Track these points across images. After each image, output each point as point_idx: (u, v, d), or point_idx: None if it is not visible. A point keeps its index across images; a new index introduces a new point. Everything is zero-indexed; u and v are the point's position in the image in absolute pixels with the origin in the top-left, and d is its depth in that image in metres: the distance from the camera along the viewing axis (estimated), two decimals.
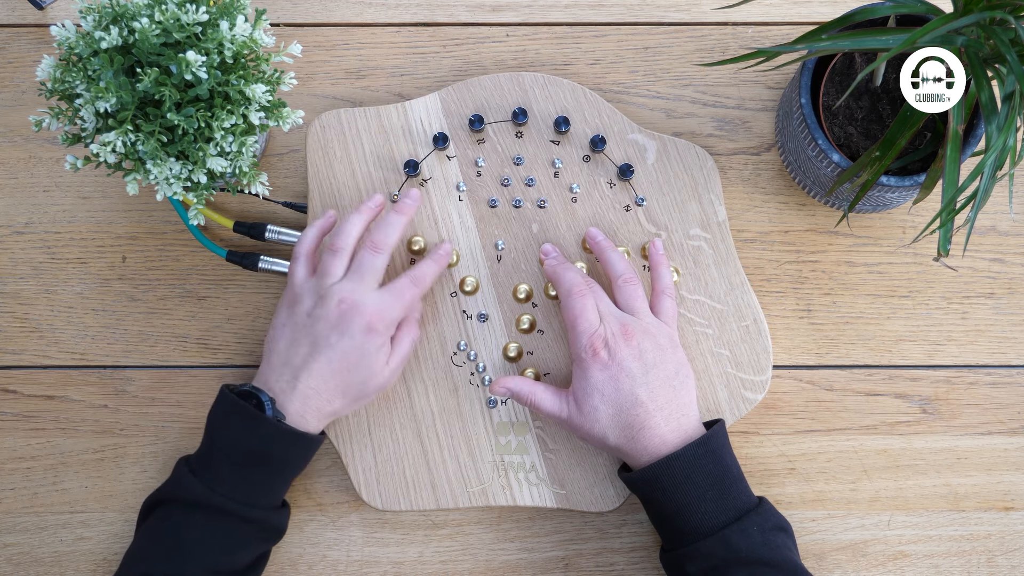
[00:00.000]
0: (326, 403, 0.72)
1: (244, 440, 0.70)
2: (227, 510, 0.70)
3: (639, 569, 0.80)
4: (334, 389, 0.72)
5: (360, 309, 0.72)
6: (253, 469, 0.71)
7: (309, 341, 0.72)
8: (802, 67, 0.73)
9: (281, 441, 0.70)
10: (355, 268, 0.73)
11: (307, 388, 0.71)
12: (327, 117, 0.82)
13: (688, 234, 0.80)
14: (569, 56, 0.84)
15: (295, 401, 0.71)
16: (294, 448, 0.71)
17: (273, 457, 0.71)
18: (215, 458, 0.71)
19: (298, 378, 0.71)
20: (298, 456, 0.72)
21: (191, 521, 0.70)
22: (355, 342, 0.71)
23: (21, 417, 0.82)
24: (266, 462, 0.71)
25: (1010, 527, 0.81)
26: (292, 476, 0.74)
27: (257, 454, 0.70)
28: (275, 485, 0.73)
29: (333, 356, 0.71)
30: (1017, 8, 0.58)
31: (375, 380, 0.73)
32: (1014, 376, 0.82)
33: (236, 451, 0.71)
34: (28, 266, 0.83)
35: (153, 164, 0.67)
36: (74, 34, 0.66)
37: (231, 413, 0.71)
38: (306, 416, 0.72)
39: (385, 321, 0.72)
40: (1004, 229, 0.83)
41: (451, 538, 0.80)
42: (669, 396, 0.72)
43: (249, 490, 0.71)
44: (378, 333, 0.72)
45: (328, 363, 0.71)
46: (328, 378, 0.72)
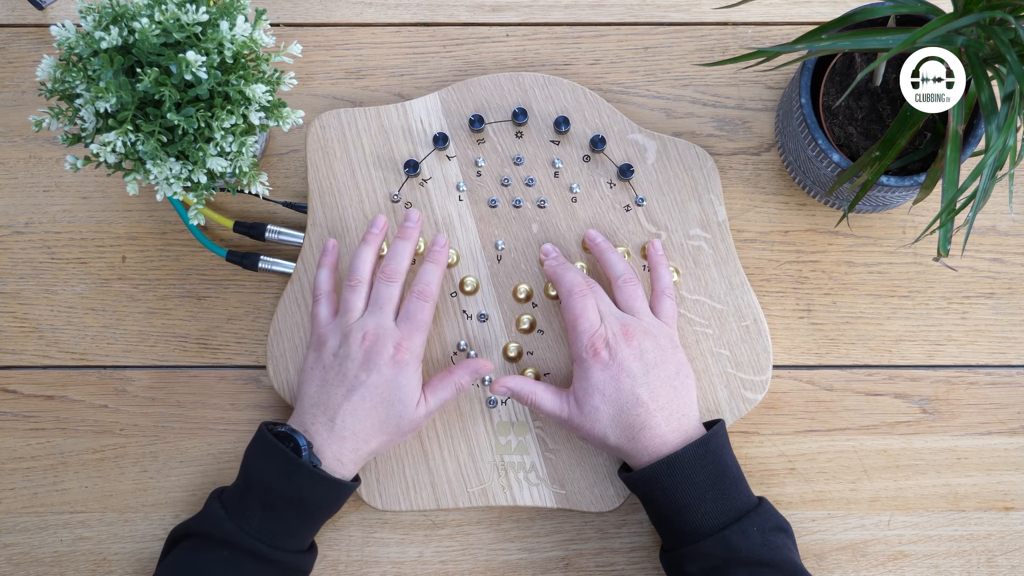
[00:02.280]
0: (363, 443, 0.72)
1: (279, 483, 0.70)
2: (255, 551, 0.69)
3: (639, 569, 0.80)
4: (370, 428, 0.72)
5: (383, 341, 0.72)
6: (285, 512, 0.70)
7: (340, 381, 0.72)
8: (802, 67, 0.73)
9: (315, 487, 0.70)
10: (373, 301, 0.74)
11: (343, 430, 0.71)
12: (327, 117, 0.82)
13: (688, 234, 0.80)
14: (569, 56, 0.84)
15: (331, 445, 0.71)
16: (328, 494, 0.71)
17: (306, 503, 0.70)
18: (248, 498, 0.71)
19: (333, 421, 0.71)
20: (332, 501, 0.72)
21: (217, 558, 0.69)
22: (384, 376, 0.71)
23: (21, 417, 0.82)
24: (299, 507, 0.70)
25: (1010, 527, 0.81)
26: (323, 520, 0.73)
27: (291, 499, 0.70)
28: (305, 529, 0.72)
29: (366, 393, 0.71)
30: (1017, 8, 0.58)
31: (410, 415, 0.73)
32: (1014, 376, 0.82)
33: (270, 493, 0.70)
34: (28, 266, 0.83)
35: (153, 164, 0.67)
36: (74, 34, 0.66)
37: (268, 455, 0.71)
38: (342, 459, 0.71)
39: (410, 350, 0.72)
40: (1004, 229, 0.83)
41: (451, 538, 0.80)
42: (670, 396, 0.72)
43: (279, 533, 0.70)
44: (406, 364, 0.72)
45: (362, 400, 0.71)
46: (363, 417, 0.71)
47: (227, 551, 0.69)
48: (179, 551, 0.71)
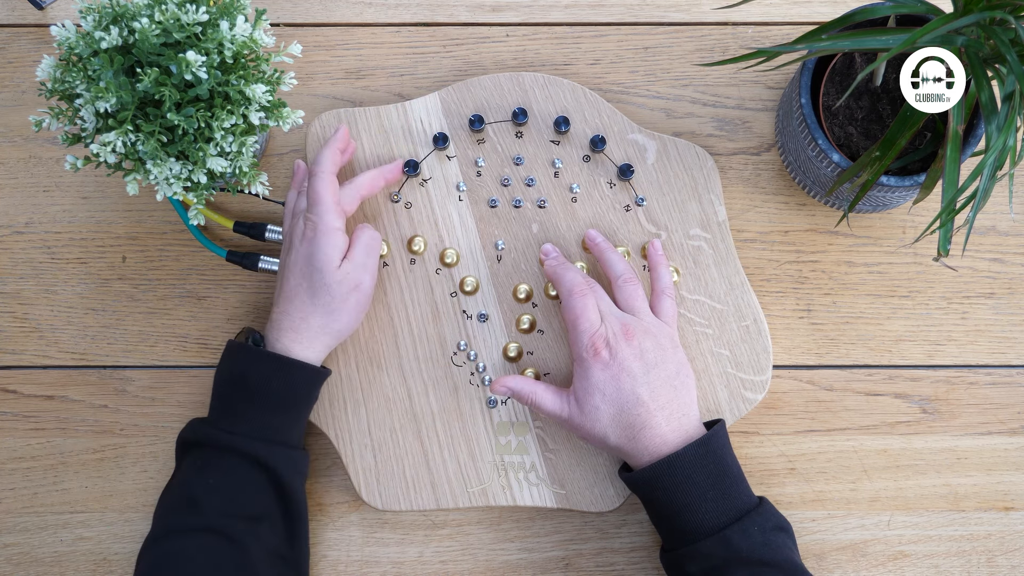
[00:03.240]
0: (299, 321, 0.73)
1: (225, 370, 0.74)
2: (213, 440, 0.71)
3: (639, 569, 0.80)
4: (300, 305, 0.73)
5: (295, 225, 0.75)
6: (235, 398, 0.72)
7: (279, 275, 0.76)
8: (802, 67, 0.73)
9: (256, 363, 0.72)
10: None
11: (278, 315, 0.74)
12: (327, 117, 0.82)
13: (688, 234, 0.80)
14: (569, 56, 0.84)
15: (271, 329, 0.74)
16: (272, 370, 0.72)
17: (249, 380, 0.72)
18: (211, 398, 0.74)
19: (272, 311, 0.75)
20: (281, 381, 0.72)
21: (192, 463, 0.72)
22: (300, 253, 0.73)
23: (21, 417, 0.82)
24: (244, 387, 0.72)
25: (1010, 527, 0.81)
26: (283, 407, 0.73)
27: (235, 380, 0.72)
28: (262, 414, 0.72)
29: (288, 275, 0.74)
30: (1017, 8, 0.58)
31: (331, 279, 0.73)
32: (1014, 376, 0.82)
33: (220, 383, 0.74)
34: (28, 266, 0.83)
35: (153, 164, 0.67)
36: (74, 34, 0.66)
37: (223, 353, 0.75)
38: (283, 339, 0.73)
39: (313, 222, 0.73)
40: (1004, 229, 0.83)
41: (451, 538, 0.80)
42: (670, 396, 0.72)
43: (234, 419, 0.72)
44: (312, 237, 0.73)
45: (286, 283, 0.74)
46: (291, 297, 0.73)
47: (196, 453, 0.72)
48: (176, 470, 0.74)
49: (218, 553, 0.68)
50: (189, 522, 0.69)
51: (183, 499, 0.71)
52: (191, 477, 0.71)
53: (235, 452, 0.71)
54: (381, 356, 0.80)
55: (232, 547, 0.68)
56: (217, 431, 0.72)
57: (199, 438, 0.73)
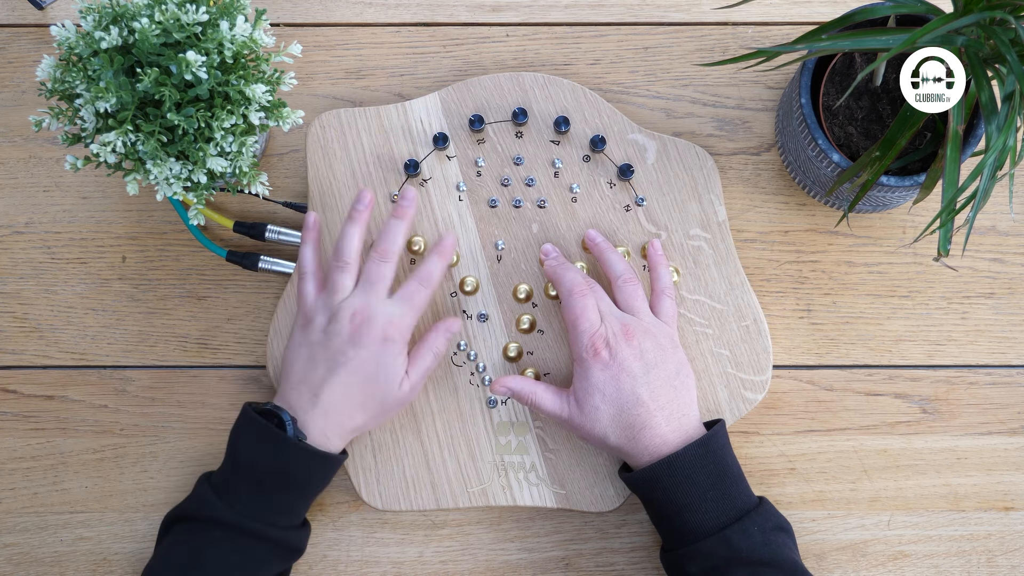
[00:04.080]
0: (348, 419, 0.72)
1: (265, 460, 0.70)
2: (247, 529, 0.69)
3: (639, 569, 0.80)
4: (355, 404, 0.72)
5: (373, 320, 0.71)
6: (273, 488, 0.70)
7: (326, 358, 0.71)
8: (802, 67, 0.73)
9: (302, 461, 0.70)
10: (364, 279, 0.73)
11: (328, 405, 0.71)
12: (327, 117, 0.82)
13: (688, 234, 0.80)
14: (569, 56, 0.84)
15: (317, 419, 0.71)
16: (315, 467, 0.71)
17: (293, 477, 0.70)
18: (236, 477, 0.71)
19: (318, 396, 0.71)
20: (319, 475, 0.72)
21: (210, 539, 0.69)
22: (371, 352, 0.71)
23: (21, 417, 0.82)
24: (287, 482, 0.70)
25: (1010, 527, 0.81)
26: (313, 495, 0.73)
27: (278, 474, 0.70)
28: (295, 504, 0.72)
29: (352, 370, 0.71)
30: (1017, 8, 0.58)
31: (395, 392, 0.72)
32: (1014, 376, 0.82)
33: (257, 470, 0.70)
34: (28, 266, 0.83)
35: (153, 164, 0.67)
36: (74, 34, 0.66)
37: (252, 432, 0.71)
38: (327, 434, 0.71)
39: (399, 329, 0.72)
40: (1004, 229, 0.83)
41: (451, 538, 0.80)
42: (670, 396, 0.72)
43: (269, 510, 0.71)
44: (393, 342, 0.72)
45: (347, 377, 0.71)
46: (347, 393, 0.71)
47: (219, 531, 0.69)
48: (173, 536, 0.72)
49: None
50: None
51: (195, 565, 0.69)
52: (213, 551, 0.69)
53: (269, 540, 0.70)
54: None
55: None
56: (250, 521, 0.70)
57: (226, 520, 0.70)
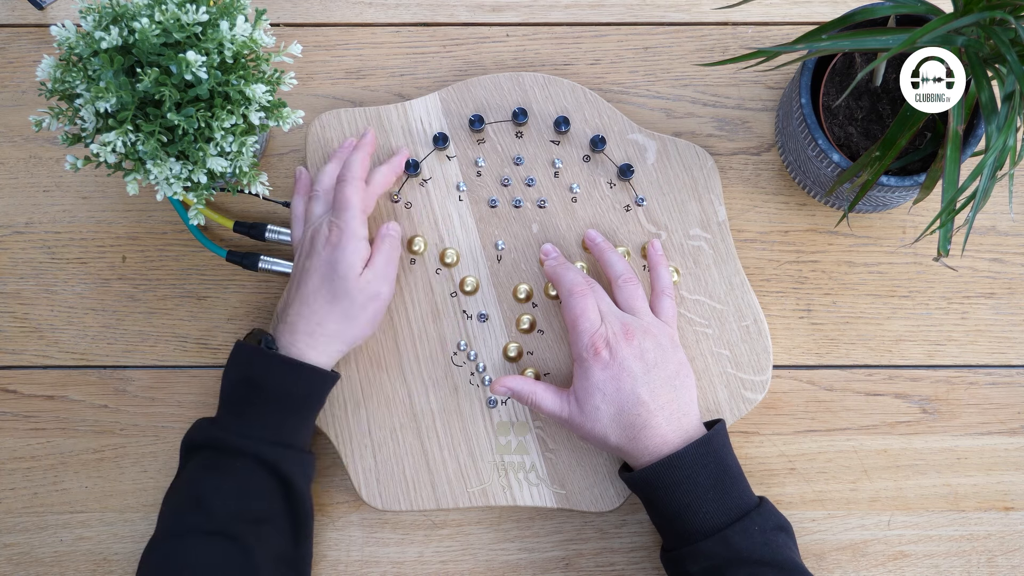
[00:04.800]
0: (315, 325, 0.73)
1: (235, 372, 0.73)
2: (222, 443, 0.71)
3: (639, 569, 0.80)
4: (318, 309, 0.73)
5: (320, 229, 0.74)
6: (247, 402, 0.72)
7: (295, 279, 0.75)
8: (802, 67, 0.73)
9: (268, 366, 0.71)
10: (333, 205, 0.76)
11: (293, 316, 0.73)
12: (327, 117, 0.82)
13: (688, 234, 0.80)
14: (569, 56, 0.84)
15: (285, 333, 0.73)
16: (284, 373, 0.72)
17: (263, 384, 0.71)
18: (220, 402, 0.74)
19: (287, 312, 0.74)
20: (293, 384, 0.72)
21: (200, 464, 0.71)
22: (323, 258, 0.73)
23: (21, 417, 0.82)
24: (258, 391, 0.71)
25: (1010, 527, 0.81)
26: (294, 410, 0.73)
27: (248, 384, 0.72)
28: (272, 416, 0.72)
29: (307, 279, 0.74)
30: (1017, 8, 0.58)
31: (356, 282, 0.73)
32: (1014, 376, 0.82)
33: (230, 387, 0.73)
34: (28, 266, 0.83)
35: (153, 164, 0.67)
36: (74, 34, 0.66)
37: (232, 357, 0.73)
38: (297, 343, 0.73)
39: (342, 228, 0.73)
40: (1004, 229, 0.83)
41: (451, 538, 0.80)
42: (670, 396, 0.72)
43: (244, 423, 0.72)
44: (338, 243, 0.73)
45: (305, 286, 0.73)
46: (309, 300, 0.73)
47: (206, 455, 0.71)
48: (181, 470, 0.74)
49: (223, 556, 0.68)
50: (195, 524, 0.69)
51: (190, 500, 0.70)
52: (199, 478, 0.71)
53: (245, 455, 0.71)
54: (381, 356, 0.80)
55: (237, 550, 0.68)
56: (227, 434, 0.72)
57: (208, 440, 0.72)
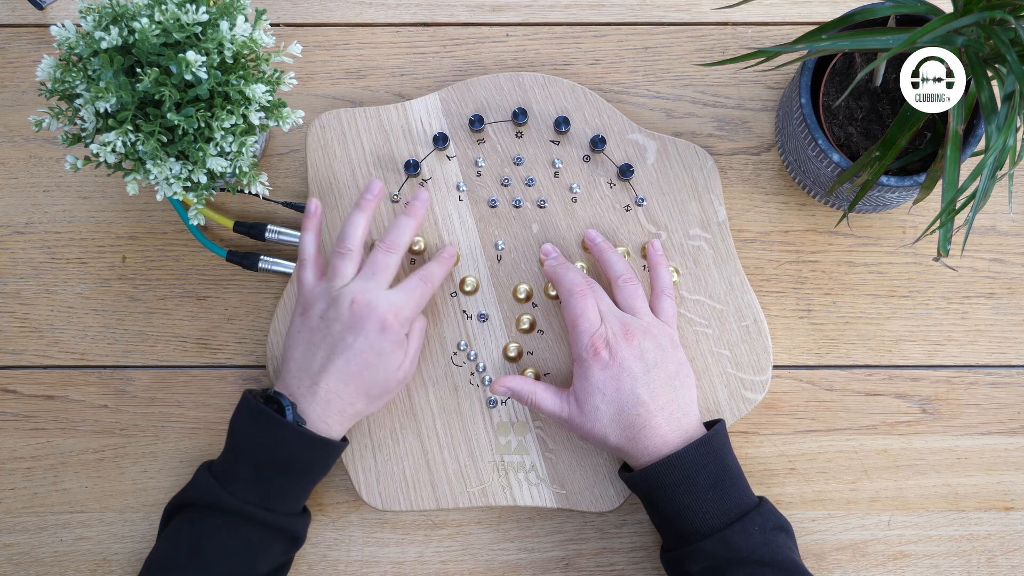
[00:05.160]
0: (348, 405, 0.72)
1: (265, 445, 0.70)
2: (247, 515, 0.69)
3: (639, 569, 0.80)
4: (355, 391, 0.72)
5: (374, 308, 0.71)
6: (274, 474, 0.70)
7: (326, 344, 0.71)
8: (802, 67, 0.73)
9: (302, 446, 0.70)
10: (368, 268, 0.73)
11: (327, 392, 0.71)
12: (327, 117, 0.82)
13: (688, 234, 0.80)
14: (569, 56, 0.84)
15: (316, 406, 0.71)
16: (315, 453, 0.71)
17: (294, 462, 0.70)
18: (236, 463, 0.71)
19: (317, 383, 0.71)
20: (319, 461, 0.72)
21: (211, 526, 0.70)
22: (371, 341, 0.71)
23: (21, 417, 0.82)
24: (287, 467, 0.70)
25: (1010, 527, 0.81)
26: (313, 482, 0.73)
27: (278, 459, 0.70)
28: (295, 491, 0.72)
29: (351, 357, 0.71)
30: (1017, 8, 0.58)
31: (395, 376, 0.73)
32: (1014, 376, 0.82)
33: (256, 456, 0.70)
34: (28, 266, 0.83)
35: (153, 164, 0.67)
36: (74, 34, 0.66)
37: (252, 418, 0.71)
38: (327, 420, 0.71)
39: (400, 318, 0.72)
40: (1004, 229, 0.83)
41: (451, 538, 0.80)
42: (670, 396, 0.72)
43: (269, 495, 0.71)
44: (393, 331, 0.72)
45: (346, 364, 0.71)
46: (347, 380, 0.71)
47: (219, 519, 0.70)
48: (175, 524, 0.72)
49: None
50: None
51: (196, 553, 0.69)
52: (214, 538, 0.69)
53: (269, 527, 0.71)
54: None
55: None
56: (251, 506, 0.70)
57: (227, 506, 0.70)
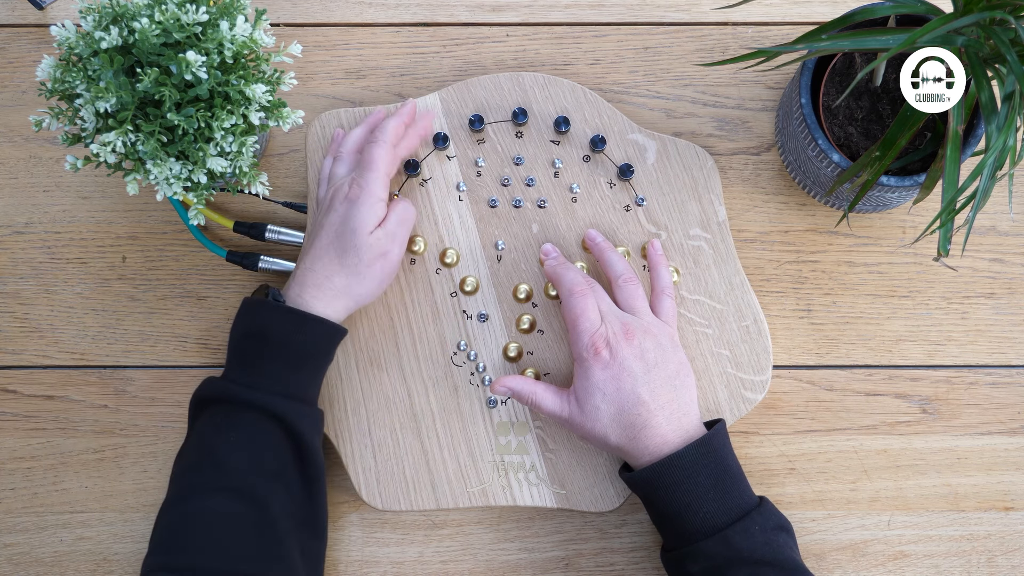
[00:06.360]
0: (324, 279, 0.73)
1: (242, 326, 0.73)
2: (232, 396, 0.70)
3: (639, 569, 0.80)
4: (328, 263, 0.73)
5: (340, 186, 0.75)
6: (253, 352, 0.72)
7: (309, 235, 0.76)
8: (802, 67, 0.73)
9: (275, 317, 0.71)
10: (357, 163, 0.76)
11: (303, 271, 0.74)
12: (327, 117, 0.82)
13: (688, 234, 0.80)
14: (569, 56, 0.84)
15: (293, 285, 0.74)
16: (291, 325, 0.71)
17: (269, 335, 0.71)
18: (229, 352, 0.74)
19: (298, 267, 0.75)
20: (301, 336, 0.72)
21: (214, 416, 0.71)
22: (339, 214, 0.74)
23: (21, 417, 0.82)
24: (264, 341, 0.71)
25: (1010, 527, 0.81)
26: (302, 362, 0.73)
27: (254, 335, 0.72)
28: (279, 368, 0.72)
29: (322, 233, 0.74)
30: (1017, 8, 0.58)
31: (362, 241, 0.73)
32: (1014, 376, 0.82)
33: (236, 339, 0.73)
34: (28, 266, 0.83)
35: (153, 164, 0.67)
36: (74, 34, 0.66)
37: (242, 309, 0.74)
38: (304, 296, 0.73)
39: (363, 186, 0.74)
40: (1004, 229, 0.83)
41: (451, 538, 0.80)
42: (670, 396, 0.72)
43: (252, 373, 0.72)
44: (356, 198, 0.73)
45: (318, 240, 0.74)
46: (320, 254, 0.73)
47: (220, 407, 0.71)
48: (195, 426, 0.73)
49: (240, 511, 0.68)
50: (210, 481, 0.69)
51: (203, 457, 0.70)
52: (210, 434, 0.71)
53: (255, 408, 0.70)
54: (381, 356, 0.80)
55: (254, 506, 0.68)
56: (236, 386, 0.71)
57: (217, 394, 0.72)
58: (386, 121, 0.77)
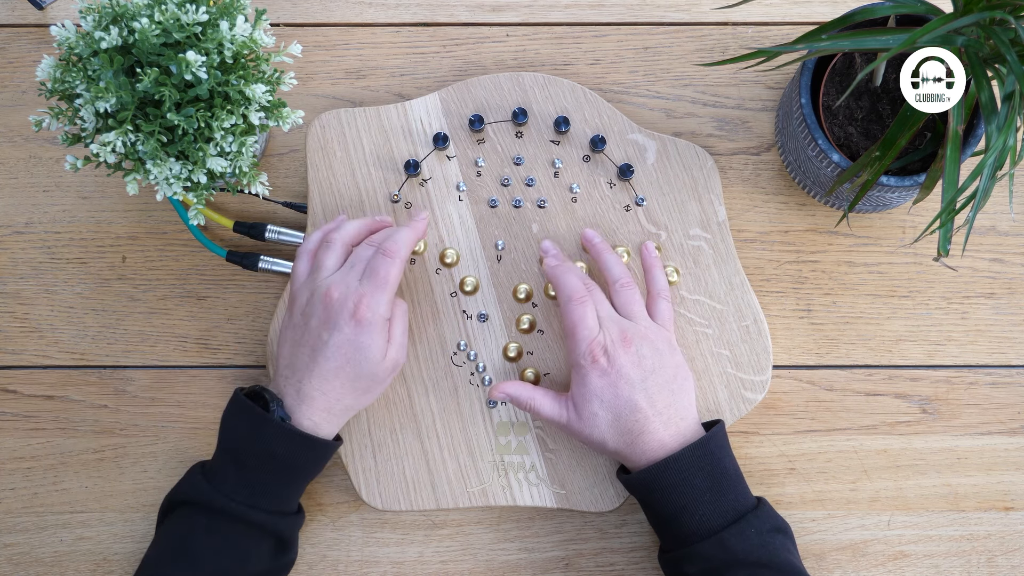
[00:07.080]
0: (334, 401, 0.72)
1: (248, 440, 0.70)
2: (230, 512, 0.69)
3: (639, 569, 0.80)
4: (339, 387, 0.71)
5: (345, 300, 0.70)
6: (258, 471, 0.70)
7: (307, 341, 0.71)
8: (802, 67, 0.73)
9: (282, 441, 0.70)
10: (350, 260, 0.73)
11: (311, 389, 0.71)
12: (327, 117, 0.82)
13: (688, 234, 0.80)
14: (569, 56, 0.84)
15: (301, 404, 0.71)
16: (297, 449, 0.71)
17: (275, 458, 0.70)
18: (223, 460, 0.71)
19: (301, 381, 0.71)
20: (303, 458, 0.71)
21: (197, 524, 0.70)
22: (346, 336, 0.70)
23: (21, 417, 0.82)
24: (269, 463, 0.70)
25: (1010, 527, 0.81)
26: (300, 480, 0.73)
27: (260, 455, 0.70)
28: (280, 488, 0.72)
29: (329, 355, 0.70)
30: (1017, 8, 0.58)
31: (381, 367, 0.72)
32: (1014, 376, 0.82)
33: (241, 452, 0.70)
34: (28, 266, 0.83)
35: (153, 164, 0.67)
36: (74, 34, 0.66)
37: (238, 414, 0.71)
38: (313, 417, 0.71)
39: (371, 308, 0.70)
40: (1004, 229, 0.83)
41: (451, 538, 0.80)
42: (668, 400, 0.72)
43: (254, 492, 0.70)
44: (368, 322, 0.70)
45: (326, 362, 0.70)
46: (330, 377, 0.71)
47: (205, 517, 0.70)
48: (166, 524, 0.72)
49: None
50: None
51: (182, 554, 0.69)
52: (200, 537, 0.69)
53: (254, 525, 0.70)
54: None
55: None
56: (236, 504, 0.70)
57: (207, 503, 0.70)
58: (402, 234, 0.73)
